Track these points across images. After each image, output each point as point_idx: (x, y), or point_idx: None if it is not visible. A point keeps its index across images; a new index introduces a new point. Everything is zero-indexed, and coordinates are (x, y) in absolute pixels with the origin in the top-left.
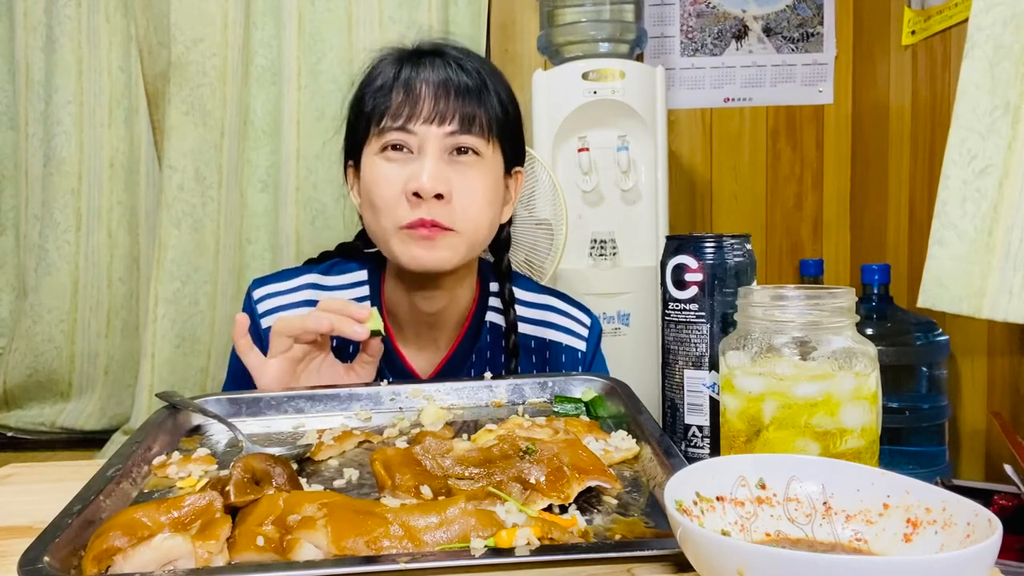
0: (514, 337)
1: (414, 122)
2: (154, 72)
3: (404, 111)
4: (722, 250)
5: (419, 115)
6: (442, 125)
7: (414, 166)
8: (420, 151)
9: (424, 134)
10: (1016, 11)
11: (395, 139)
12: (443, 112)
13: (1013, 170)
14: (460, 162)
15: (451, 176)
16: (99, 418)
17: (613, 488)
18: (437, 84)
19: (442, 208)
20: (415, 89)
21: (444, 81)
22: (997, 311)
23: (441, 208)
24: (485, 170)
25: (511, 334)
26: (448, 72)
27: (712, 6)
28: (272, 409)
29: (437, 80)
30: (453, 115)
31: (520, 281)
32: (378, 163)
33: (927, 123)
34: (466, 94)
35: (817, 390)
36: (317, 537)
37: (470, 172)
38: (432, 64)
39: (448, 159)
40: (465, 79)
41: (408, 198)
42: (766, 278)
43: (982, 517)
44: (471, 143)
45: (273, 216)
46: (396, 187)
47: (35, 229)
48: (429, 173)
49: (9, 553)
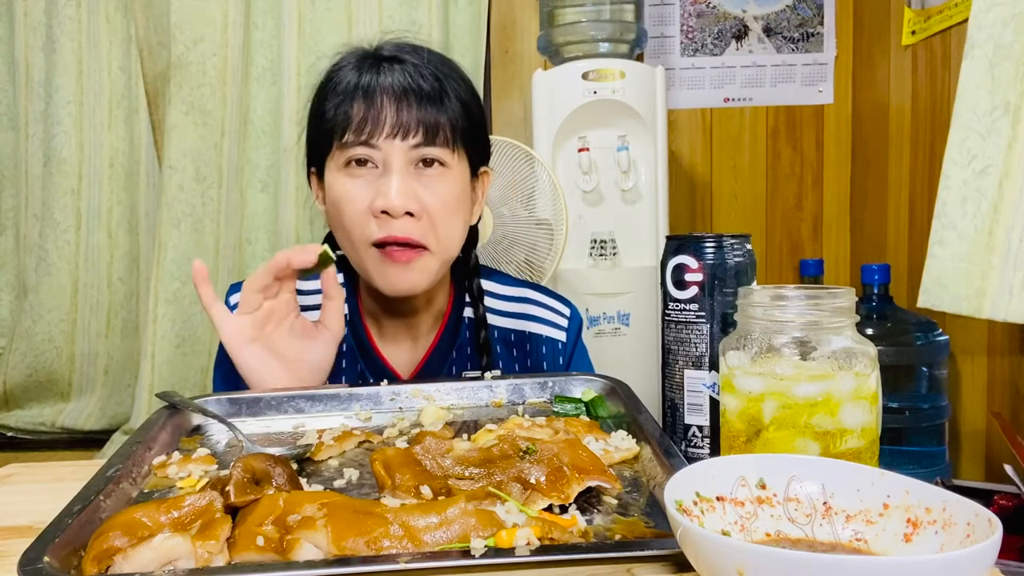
0: (484, 332)
1: (377, 136)
2: (154, 72)
3: (367, 126)
4: (722, 250)
5: (381, 129)
6: (406, 139)
7: (381, 182)
8: (385, 166)
9: (388, 149)
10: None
11: (358, 154)
12: (406, 125)
13: (1013, 170)
14: (426, 175)
15: (419, 191)
16: (99, 418)
17: (613, 488)
18: (398, 94)
19: (413, 225)
20: (376, 100)
21: (404, 90)
22: (997, 311)
23: (412, 225)
24: (452, 180)
25: (481, 329)
26: (408, 80)
27: (712, 6)
28: (272, 409)
29: (398, 90)
30: (416, 127)
31: (496, 276)
32: (342, 179)
33: (927, 123)
34: (428, 103)
35: (817, 390)
36: (317, 537)
37: (437, 185)
38: (392, 71)
39: (414, 172)
40: (426, 86)
41: (376, 215)
42: (766, 278)
43: (982, 517)
44: (436, 155)
45: (273, 216)
46: (363, 204)
47: (35, 229)
48: (397, 191)
49: (9, 553)
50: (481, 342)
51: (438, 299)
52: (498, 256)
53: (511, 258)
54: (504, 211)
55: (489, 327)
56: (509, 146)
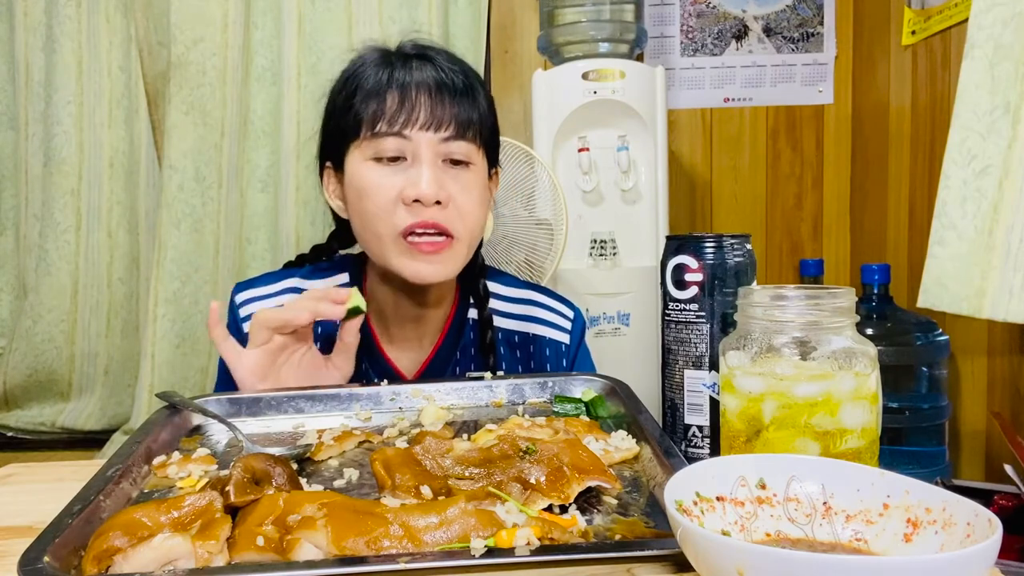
0: (490, 333)
1: (411, 127)
2: (154, 72)
3: (400, 116)
4: (722, 250)
5: (415, 121)
6: (438, 131)
7: (411, 172)
8: (414, 157)
9: (419, 140)
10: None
11: (390, 147)
12: (439, 118)
13: (1013, 170)
14: (453, 169)
15: (447, 182)
16: (99, 418)
17: (613, 488)
18: (432, 88)
19: (441, 214)
20: (411, 93)
21: (439, 85)
22: (997, 311)
23: (441, 213)
24: (476, 175)
25: (487, 330)
26: (442, 75)
27: (712, 6)
28: (272, 409)
29: (432, 84)
30: (449, 120)
31: (501, 277)
32: (370, 169)
33: (927, 123)
34: (462, 98)
35: (817, 390)
36: (317, 537)
37: (464, 178)
38: (423, 67)
39: (442, 166)
40: (459, 83)
41: (407, 204)
42: (766, 278)
43: (982, 517)
44: (464, 150)
45: (273, 216)
46: (392, 192)
47: (35, 229)
48: (428, 180)
49: (9, 553)
50: (487, 343)
51: (446, 296)
52: (498, 256)
53: (511, 258)
54: (504, 211)
55: (494, 328)
56: (509, 146)
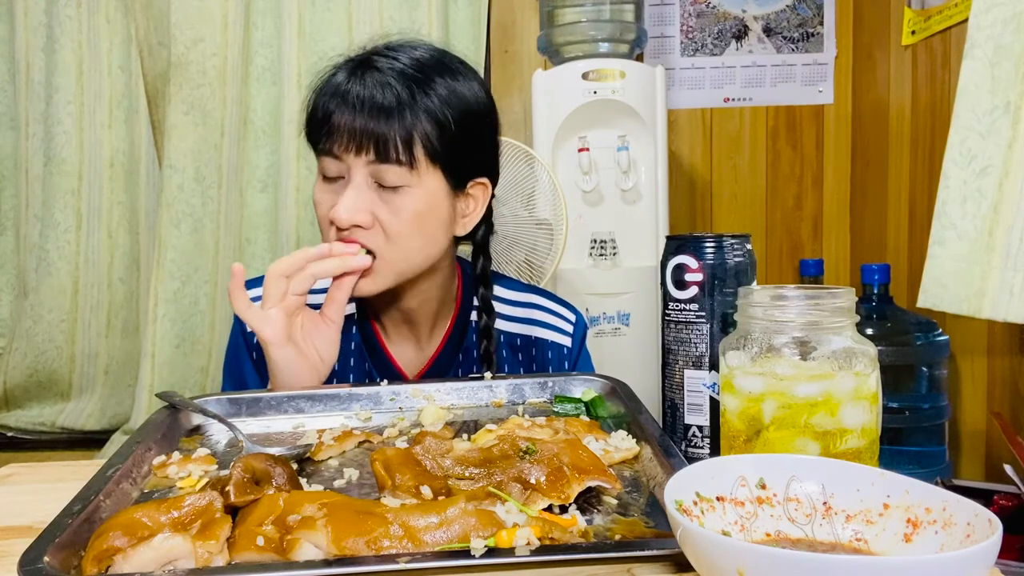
0: (487, 344)
1: (339, 148)
2: (154, 72)
3: (333, 134)
4: (722, 250)
5: (342, 140)
6: (359, 154)
7: (341, 192)
8: (348, 176)
9: (348, 161)
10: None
11: (330, 165)
12: (358, 139)
13: (1013, 170)
14: (386, 192)
15: (376, 204)
16: (99, 418)
17: (613, 488)
18: (355, 106)
19: (363, 235)
20: (344, 111)
21: (362, 102)
22: (997, 311)
23: (362, 235)
24: (412, 198)
25: (484, 339)
26: (376, 91)
27: (712, 6)
28: (272, 409)
29: (356, 102)
30: (372, 143)
31: (504, 281)
32: (318, 184)
33: (927, 123)
34: (393, 117)
35: (817, 390)
36: (317, 537)
37: (396, 200)
38: (364, 80)
39: (374, 186)
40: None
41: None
42: (766, 278)
43: (982, 517)
44: (393, 175)
45: (273, 216)
46: (324, 210)
47: (35, 229)
48: (346, 205)
49: (9, 553)
50: (484, 352)
51: (435, 297)
52: (498, 256)
53: (511, 258)
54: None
55: (496, 332)
56: (509, 146)
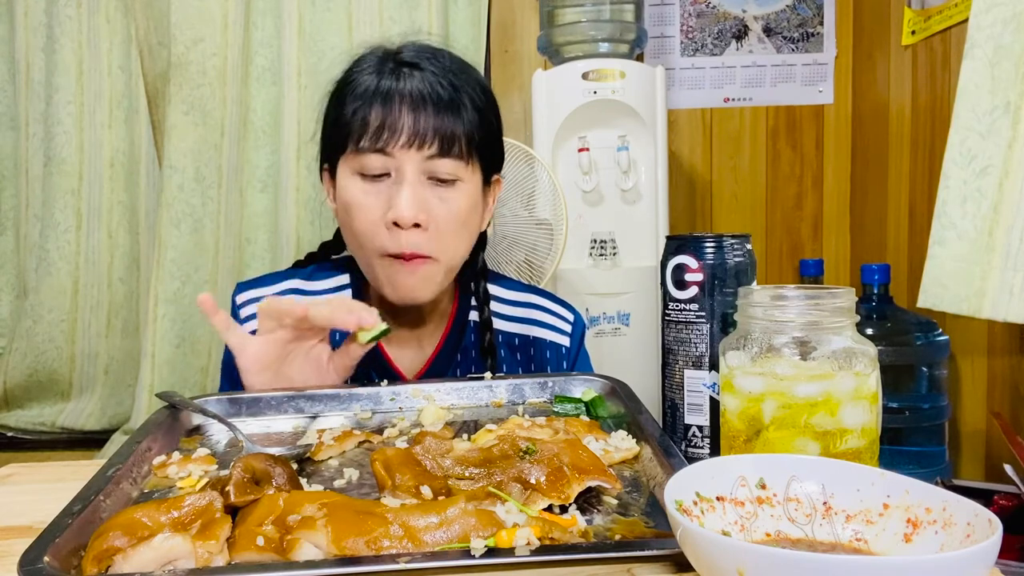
0: (489, 336)
1: (393, 145)
2: (154, 72)
3: (383, 133)
4: (722, 250)
5: (398, 138)
6: (421, 149)
7: (393, 191)
8: (398, 174)
9: (402, 158)
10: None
11: (374, 165)
12: (422, 134)
13: (1013, 170)
14: (439, 187)
15: (430, 200)
16: (99, 418)
17: (613, 488)
18: (415, 102)
19: (421, 236)
20: (394, 107)
21: (423, 98)
22: (997, 311)
23: (420, 236)
24: (463, 193)
25: (486, 332)
26: (427, 86)
27: (712, 6)
28: (272, 409)
29: (415, 97)
30: (432, 138)
31: (503, 280)
32: (355, 185)
33: (927, 123)
34: (445, 112)
35: (817, 390)
36: (317, 537)
37: (449, 197)
38: (411, 77)
39: (427, 183)
40: (444, 95)
41: (388, 226)
42: (766, 278)
43: (982, 517)
44: (449, 168)
45: (273, 216)
46: (375, 213)
47: (35, 229)
48: (407, 202)
49: (9, 553)
50: (486, 346)
51: (442, 300)
52: (498, 256)
53: (511, 258)
54: (504, 211)
55: (494, 331)
56: (509, 146)
